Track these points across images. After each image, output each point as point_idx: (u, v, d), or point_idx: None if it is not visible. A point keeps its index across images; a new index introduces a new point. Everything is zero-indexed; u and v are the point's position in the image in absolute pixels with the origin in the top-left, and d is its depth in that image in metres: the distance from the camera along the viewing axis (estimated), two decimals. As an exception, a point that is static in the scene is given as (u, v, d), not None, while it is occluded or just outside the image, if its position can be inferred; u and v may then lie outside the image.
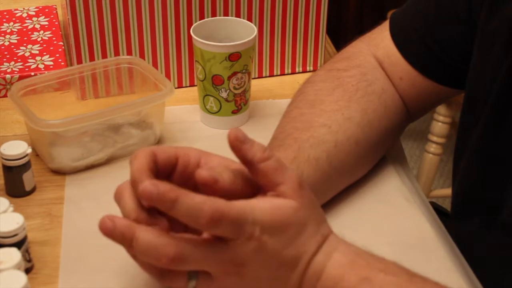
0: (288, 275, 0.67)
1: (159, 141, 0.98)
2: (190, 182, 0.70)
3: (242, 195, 0.67)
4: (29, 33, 1.18)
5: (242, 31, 1.01)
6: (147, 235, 0.63)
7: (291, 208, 0.65)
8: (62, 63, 1.10)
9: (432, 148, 1.99)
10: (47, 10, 1.25)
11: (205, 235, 0.66)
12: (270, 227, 0.64)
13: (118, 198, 0.68)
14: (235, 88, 0.99)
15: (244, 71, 0.98)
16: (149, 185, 0.62)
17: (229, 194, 0.67)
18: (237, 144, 0.66)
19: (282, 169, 0.66)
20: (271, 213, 0.64)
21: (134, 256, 0.67)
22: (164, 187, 0.62)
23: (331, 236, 0.69)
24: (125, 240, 0.63)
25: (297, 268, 0.67)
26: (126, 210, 0.66)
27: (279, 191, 0.66)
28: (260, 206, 0.64)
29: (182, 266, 0.63)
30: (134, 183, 0.65)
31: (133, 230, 0.63)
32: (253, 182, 0.68)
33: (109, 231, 0.64)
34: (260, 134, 0.92)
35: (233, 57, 0.96)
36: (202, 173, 0.65)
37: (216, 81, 0.98)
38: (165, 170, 0.69)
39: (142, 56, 1.07)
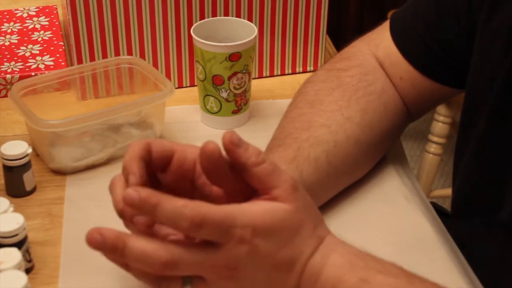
0: (285, 276, 0.66)
1: (159, 141, 0.98)
2: (186, 179, 0.70)
3: (241, 196, 0.67)
4: (30, 33, 1.18)
5: (242, 31, 1.01)
6: (138, 242, 0.62)
7: (284, 211, 0.65)
8: (63, 63, 1.10)
9: (432, 148, 1.99)
10: (47, 10, 1.25)
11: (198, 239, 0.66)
12: (262, 230, 0.64)
13: (111, 189, 0.68)
14: (235, 88, 0.99)
15: (244, 71, 0.98)
16: (131, 191, 0.62)
17: (227, 194, 0.67)
18: (231, 147, 0.66)
19: (276, 173, 0.66)
20: (263, 217, 0.64)
21: (127, 267, 0.66)
22: (145, 193, 0.62)
23: (329, 237, 0.69)
24: (116, 250, 0.63)
25: (293, 269, 0.66)
26: (116, 200, 0.66)
27: (273, 195, 0.65)
28: (252, 210, 0.64)
29: (175, 271, 0.63)
30: (124, 170, 0.66)
31: (123, 239, 0.62)
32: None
33: (99, 243, 0.63)
34: (260, 134, 0.93)
35: (234, 57, 0.96)
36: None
37: (217, 81, 0.98)
38: (159, 163, 0.69)
39: (142, 56, 1.07)
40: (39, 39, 1.16)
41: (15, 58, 1.11)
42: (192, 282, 0.65)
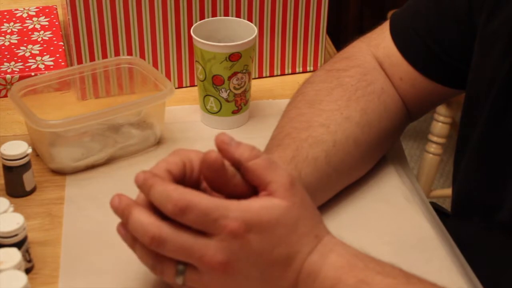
0: (281, 275, 0.67)
1: (159, 141, 0.98)
2: (196, 186, 0.71)
3: (245, 196, 0.67)
4: (30, 33, 1.18)
5: (242, 31, 1.01)
6: (139, 213, 0.66)
7: (280, 207, 0.65)
8: (63, 63, 1.10)
9: (432, 148, 2.00)
10: (47, 10, 1.25)
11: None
12: (257, 226, 0.64)
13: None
14: (235, 88, 0.99)
15: (244, 71, 0.98)
16: (140, 173, 0.67)
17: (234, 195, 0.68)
18: (224, 147, 0.67)
19: (272, 167, 0.67)
20: (259, 213, 0.65)
21: (133, 245, 0.68)
22: (147, 175, 0.66)
23: (327, 237, 0.69)
24: (124, 215, 0.67)
25: (290, 268, 0.66)
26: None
27: (270, 190, 0.66)
28: (248, 206, 0.65)
29: (162, 248, 0.65)
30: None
31: (131, 207, 0.66)
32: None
33: (115, 206, 0.67)
34: (260, 134, 0.93)
35: (234, 57, 0.96)
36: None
37: (217, 81, 0.98)
38: (178, 180, 0.70)
39: (142, 56, 1.07)
40: (39, 39, 1.16)
41: (15, 58, 1.11)
42: (186, 271, 0.66)
